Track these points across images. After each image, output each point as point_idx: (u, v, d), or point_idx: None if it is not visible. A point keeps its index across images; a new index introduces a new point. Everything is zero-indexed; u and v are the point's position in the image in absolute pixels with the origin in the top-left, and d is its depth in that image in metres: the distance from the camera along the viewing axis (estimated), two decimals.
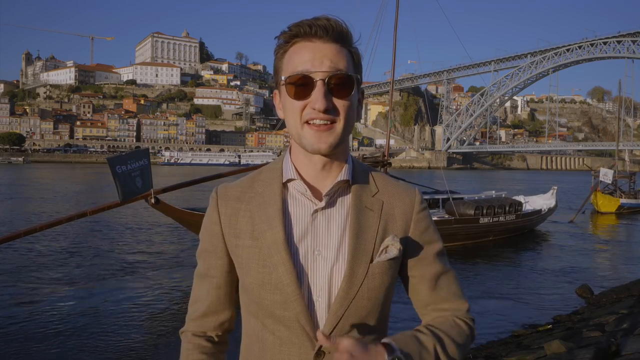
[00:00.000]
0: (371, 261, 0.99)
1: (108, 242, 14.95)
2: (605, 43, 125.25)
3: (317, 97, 0.93)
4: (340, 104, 0.95)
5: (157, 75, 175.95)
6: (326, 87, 0.93)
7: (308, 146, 0.97)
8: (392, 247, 0.98)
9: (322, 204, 1.01)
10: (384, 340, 0.92)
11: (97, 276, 10.87)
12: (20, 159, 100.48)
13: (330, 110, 0.94)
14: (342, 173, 1.02)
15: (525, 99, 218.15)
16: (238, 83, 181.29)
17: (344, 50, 0.97)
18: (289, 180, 1.03)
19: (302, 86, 0.94)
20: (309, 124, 0.96)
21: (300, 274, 0.98)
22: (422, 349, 0.96)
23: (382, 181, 1.08)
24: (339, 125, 0.96)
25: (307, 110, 0.95)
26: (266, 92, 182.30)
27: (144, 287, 10.15)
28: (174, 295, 9.65)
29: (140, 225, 18.51)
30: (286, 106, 0.99)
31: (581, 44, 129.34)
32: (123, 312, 8.40)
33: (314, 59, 0.94)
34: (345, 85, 0.95)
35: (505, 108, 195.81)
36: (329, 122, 0.95)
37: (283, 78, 0.97)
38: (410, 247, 1.05)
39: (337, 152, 1.01)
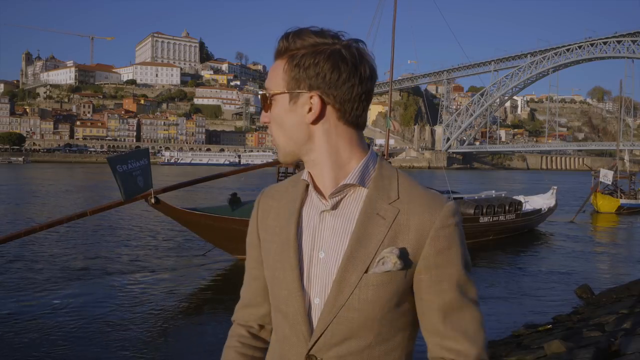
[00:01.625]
0: (367, 271, 0.95)
1: (108, 242, 14.96)
2: (605, 43, 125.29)
3: None
4: (270, 119, 1.02)
5: (157, 75, 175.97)
6: (266, 103, 1.02)
7: None
8: (388, 260, 0.93)
9: (329, 206, 1.00)
10: None
11: (96, 276, 10.88)
12: (20, 158, 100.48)
13: (268, 126, 1.03)
14: (349, 176, 1.00)
15: (525, 99, 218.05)
16: (238, 83, 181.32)
17: (282, 63, 0.98)
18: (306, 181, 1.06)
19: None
20: None
21: (302, 273, 0.99)
22: None
23: (406, 188, 1.01)
24: (277, 139, 1.02)
25: None
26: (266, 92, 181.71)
27: (144, 286, 10.16)
28: (173, 294, 9.66)
29: (139, 225, 18.51)
30: None
31: (581, 44, 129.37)
32: (123, 312, 8.40)
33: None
34: (266, 101, 1.01)
35: (505, 108, 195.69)
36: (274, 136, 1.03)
37: None
38: (420, 266, 0.97)
39: (324, 157, 1.01)
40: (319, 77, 0.97)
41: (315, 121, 0.99)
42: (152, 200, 7.25)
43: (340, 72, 0.96)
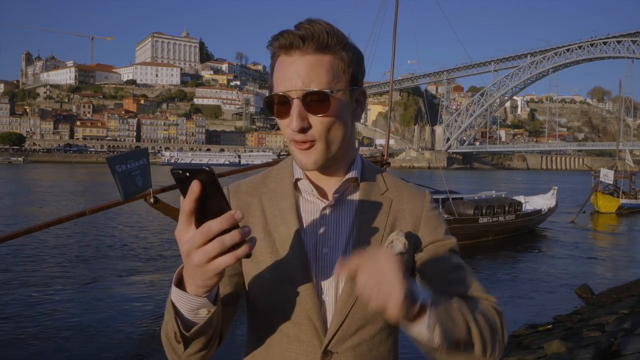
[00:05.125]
0: None
1: (107, 242, 14.93)
2: (605, 43, 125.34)
3: (292, 117, 0.92)
4: (318, 121, 0.93)
5: (157, 75, 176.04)
6: (302, 105, 0.91)
7: (297, 162, 0.98)
8: (397, 242, 0.96)
9: (331, 201, 1.01)
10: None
11: (95, 275, 10.87)
12: (20, 159, 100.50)
13: (307, 129, 0.93)
14: (351, 172, 1.03)
15: (525, 99, 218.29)
16: (238, 83, 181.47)
17: (326, 58, 0.93)
18: (298, 180, 1.03)
19: (282, 104, 0.93)
20: (294, 142, 0.95)
21: (311, 271, 0.97)
22: (448, 303, 0.89)
23: (391, 181, 1.08)
24: (320, 142, 0.94)
25: (289, 130, 0.94)
26: (266, 92, 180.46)
27: (143, 287, 10.15)
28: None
29: (139, 224, 18.50)
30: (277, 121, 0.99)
31: (581, 44, 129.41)
32: (121, 312, 8.39)
33: (290, 76, 0.92)
34: (321, 102, 0.92)
35: (505, 108, 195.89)
36: (309, 141, 0.94)
37: (265, 99, 0.98)
38: (422, 245, 1.03)
39: (339, 156, 1.00)
40: (363, 73, 1.00)
41: (357, 117, 1.01)
42: (151, 200, 7.22)
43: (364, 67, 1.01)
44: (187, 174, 0.72)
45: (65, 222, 7.26)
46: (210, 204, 0.74)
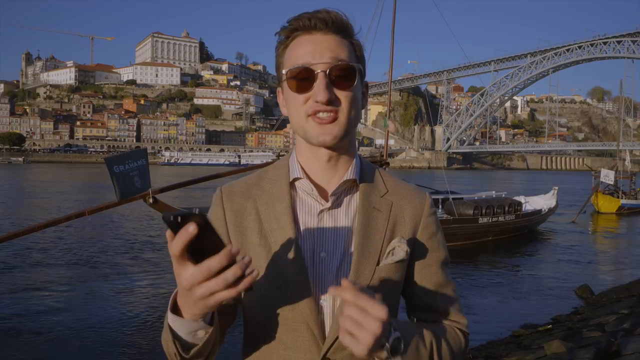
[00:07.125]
0: (378, 264, 0.96)
1: (106, 242, 14.93)
2: (605, 43, 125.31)
3: (319, 89, 0.91)
4: (343, 95, 0.93)
5: (157, 75, 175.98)
6: (328, 78, 0.91)
7: (313, 139, 0.95)
8: (399, 249, 0.95)
9: (329, 204, 0.98)
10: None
11: (95, 276, 10.86)
12: (20, 159, 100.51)
13: (333, 102, 0.92)
14: (348, 172, 1.00)
15: (525, 99, 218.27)
16: (238, 83, 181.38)
17: (345, 41, 0.95)
18: (296, 179, 1.01)
19: (303, 79, 0.93)
20: (313, 116, 0.93)
21: (308, 276, 0.95)
22: (420, 340, 0.91)
23: (392, 182, 1.06)
24: (343, 116, 0.93)
25: (310, 103, 0.93)
26: (266, 92, 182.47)
27: (143, 287, 10.14)
28: (170, 295, 9.62)
29: (138, 225, 18.50)
30: (289, 100, 0.96)
31: (581, 44, 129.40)
32: (121, 312, 8.38)
33: (314, 50, 0.92)
34: (347, 76, 0.93)
35: (505, 108, 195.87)
36: (332, 114, 0.93)
37: (284, 72, 0.95)
38: (416, 251, 1.02)
39: (342, 148, 0.99)
40: (364, 65, 1.01)
41: (364, 106, 1.02)
42: (150, 200, 7.22)
43: None
44: (179, 219, 0.72)
45: (64, 222, 7.25)
46: (205, 243, 0.73)
